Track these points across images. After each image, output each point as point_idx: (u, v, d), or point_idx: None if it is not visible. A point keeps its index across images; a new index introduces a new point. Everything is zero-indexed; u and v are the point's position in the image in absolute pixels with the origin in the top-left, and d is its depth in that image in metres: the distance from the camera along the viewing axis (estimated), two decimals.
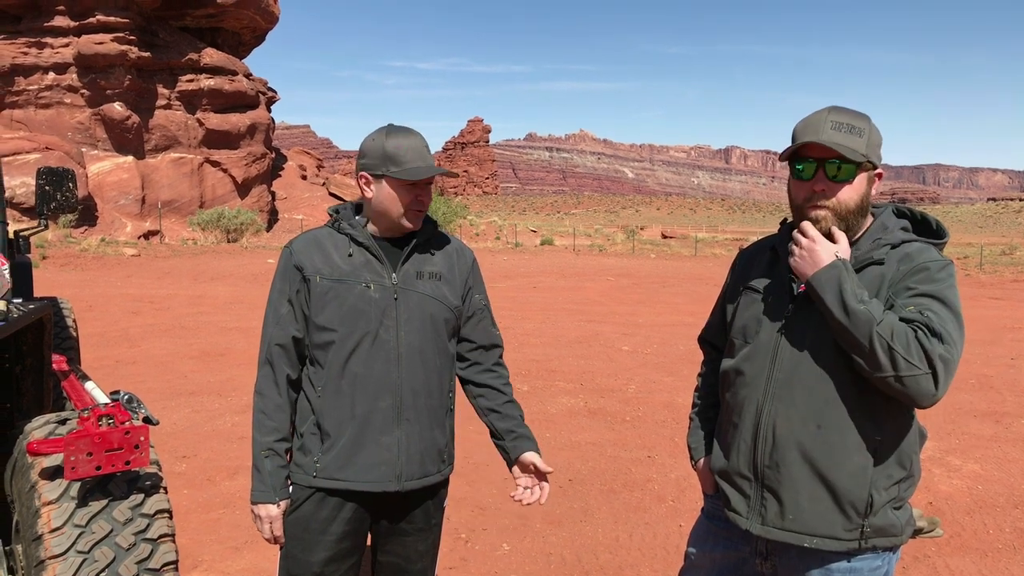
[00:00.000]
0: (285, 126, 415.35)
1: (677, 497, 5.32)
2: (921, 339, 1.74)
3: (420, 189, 2.29)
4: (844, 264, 1.85)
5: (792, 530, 1.93)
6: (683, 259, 35.64)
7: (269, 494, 2.24)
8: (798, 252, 1.90)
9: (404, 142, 2.27)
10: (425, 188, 2.31)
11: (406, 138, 2.27)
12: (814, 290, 1.86)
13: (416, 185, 2.27)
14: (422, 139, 2.31)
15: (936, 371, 1.73)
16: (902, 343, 1.73)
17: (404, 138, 2.27)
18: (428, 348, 2.31)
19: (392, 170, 2.24)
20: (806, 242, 1.89)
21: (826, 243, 1.88)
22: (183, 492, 5.12)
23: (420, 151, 2.27)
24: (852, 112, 1.92)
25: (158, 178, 39.75)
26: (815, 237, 1.89)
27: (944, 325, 1.76)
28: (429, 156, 2.30)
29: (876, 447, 1.88)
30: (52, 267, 21.07)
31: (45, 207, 3.84)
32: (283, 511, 2.28)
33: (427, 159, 2.28)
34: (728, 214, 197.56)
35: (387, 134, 2.28)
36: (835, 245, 1.88)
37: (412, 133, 2.30)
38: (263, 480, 2.25)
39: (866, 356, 1.77)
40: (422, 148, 2.28)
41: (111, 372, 8.71)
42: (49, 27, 38.11)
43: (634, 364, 10.08)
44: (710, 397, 2.32)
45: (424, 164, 2.27)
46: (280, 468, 2.27)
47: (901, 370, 1.74)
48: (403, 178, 2.23)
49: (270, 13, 47.04)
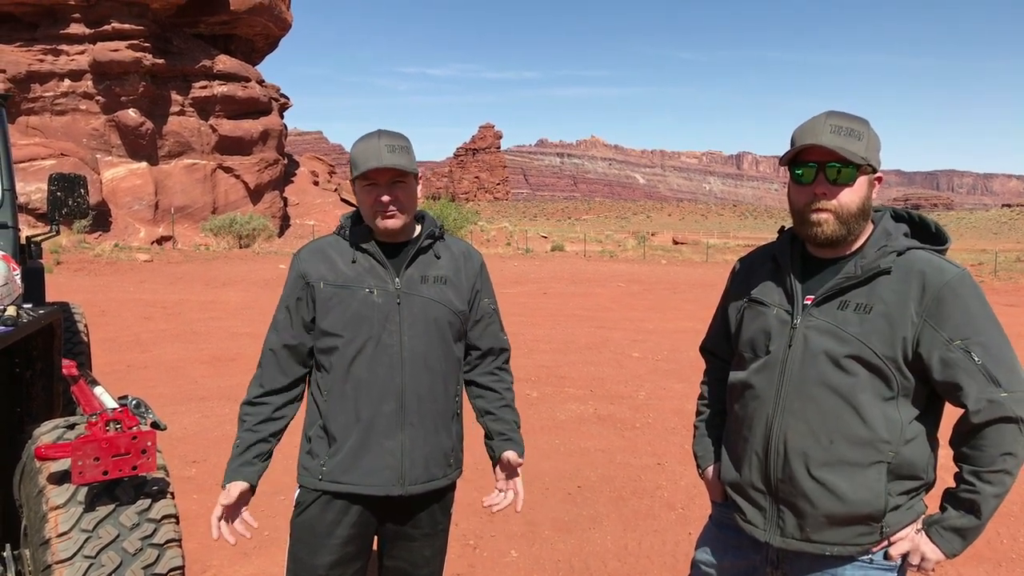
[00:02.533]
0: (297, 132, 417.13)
1: (687, 504, 5.28)
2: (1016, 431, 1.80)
3: (382, 189, 2.22)
4: (935, 529, 1.88)
5: (812, 540, 1.93)
6: (694, 265, 35.53)
7: (225, 479, 2.26)
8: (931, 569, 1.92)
9: (363, 144, 2.23)
10: (388, 188, 2.23)
11: (367, 140, 2.23)
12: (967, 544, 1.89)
13: (376, 185, 2.22)
14: (389, 139, 2.22)
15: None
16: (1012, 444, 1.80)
17: (366, 141, 2.24)
18: (432, 352, 2.31)
19: (354, 173, 2.24)
20: (925, 563, 1.90)
21: (910, 541, 1.90)
22: (192, 497, 5.13)
23: (375, 151, 2.19)
24: (850, 116, 1.90)
25: (171, 184, 39.98)
26: (909, 552, 1.90)
27: (1001, 367, 1.81)
28: (387, 155, 2.18)
29: (890, 459, 1.86)
30: (66, 272, 21.22)
31: (57, 213, 3.87)
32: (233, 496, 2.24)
33: (381, 157, 2.18)
34: (740, 220, 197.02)
35: (358, 140, 2.27)
36: (915, 537, 1.89)
37: (377, 135, 2.24)
38: (227, 467, 2.28)
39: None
40: (378, 148, 2.19)
41: (122, 377, 8.75)
42: (65, 34, 38.45)
43: (644, 370, 10.04)
44: (715, 405, 2.31)
45: (376, 162, 2.18)
46: (238, 456, 2.27)
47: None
48: (354, 177, 2.23)
49: (283, 20, 47.31)
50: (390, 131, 2.27)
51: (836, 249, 1.95)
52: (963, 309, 1.82)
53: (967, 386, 1.80)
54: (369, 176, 2.21)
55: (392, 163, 2.19)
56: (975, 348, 1.80)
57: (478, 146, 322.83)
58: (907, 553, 1.90)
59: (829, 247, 1.95)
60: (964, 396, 1.81)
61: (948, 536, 1.86)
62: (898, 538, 1.90)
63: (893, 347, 1.83)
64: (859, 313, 1.87)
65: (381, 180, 2.22)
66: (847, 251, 1.96)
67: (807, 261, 2.02)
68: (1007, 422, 1.78)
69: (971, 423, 1.82)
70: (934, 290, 1.83)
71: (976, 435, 1.82)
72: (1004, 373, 1.80)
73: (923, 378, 1.86)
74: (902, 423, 1.86)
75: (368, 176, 2.21)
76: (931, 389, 1.89)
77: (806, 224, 1.93)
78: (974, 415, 1.80)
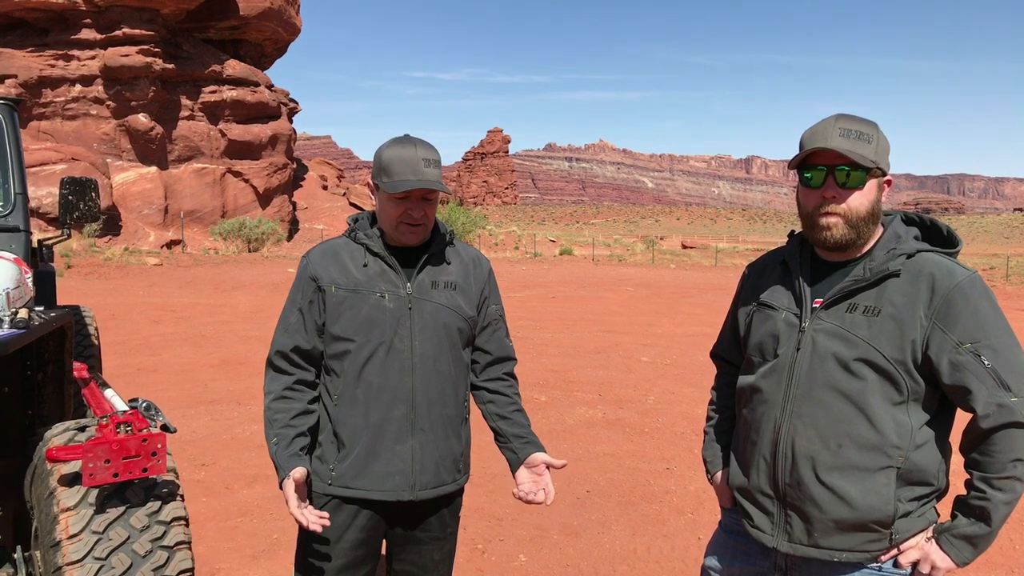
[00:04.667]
0: (306, 137, 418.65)
1: (696, 509, 5.27)
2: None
3: (411, 203, 2.20)
4: (945, 537, 1.86)
5: (820, 546, 1.91)
6: (703, 269, 35.44)
7: (281, 472, 2.16)
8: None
9: (399, 153, 2.19)
10: (417, 203, 2.20)
11: (403, 149, 2.19)
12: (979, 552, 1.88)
13: (407, 199, 2.19)
14: (425, 151, 2.19)
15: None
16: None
17: (401, 149, 2.20)
18: (442, 357, 2.30)
19: (384, 181, 2.21)
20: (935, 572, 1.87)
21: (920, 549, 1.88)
22: (201, 500, 5.14)
23: (412, 163, 2.16)
24: (859, 119, 1.89)
25: (181, 188, 40.20)
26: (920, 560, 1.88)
27: (1011, 371, 1.78)
28: (424, 170, 2.16)
29: (900, 465, 1.84)
30: (77, 276, 21.34)
31: (68, 216, 3.89)
32: (301, 478, 2.12)
33: (419, 172, 2.16)
34: (749, 224, 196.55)
35: (390, 144, 2.24)
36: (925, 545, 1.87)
37: (413, 144, 2.21)
38: (276, 464, 2.20)
39: None
40: (415, 160, 2.16)
41: (132, 380, 8.78)
42: (76, 40, 38.76)
43: (653, 375, 10.02)
44: (725, 411, 2.30)
45: (414, 177, 2.16)
46: (286, 447, 2.18)
47: None
48: (388, 191, 2.18)
49: (292, 25, 47.55)
50: (423, 141, 2.23)
51: (845, 253, 1.94)
52: (973, 312, 1.80)
53: (976, 390, 1.78)
54: (410, 195, 2.19)
55: (431, 182, 2.16)
56: (985, 351, 1.78)
57: (486, 150, 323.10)
58: (917, 561, 1.88)
59: (838, 251, 1.94)
60: (973, 400, 1.79)
61: (959, 544, 1.84)
62: (908, 546, 1.88)
63: (902, 350, 1.82)
64: (868, 316, 1.85)
65: (414, 195, 2.20)
66: (856, 254, 1.94)
67: (816, 265, 2.01)
68: (1017, 427, 1.76)
69: (980, 428, 1.80)
70: (943, 292, 1.81)
71: (986, 441, 1.80)
72: (1014, 377, 1.77)
73: (933, 382, 1.85)
74: (912, 428, 1.84)
75: (408, 195, 2.18)
76: (942, 393, 1.87)
77: (815, 228, 1.92)
78: (983, 420, 1.78)
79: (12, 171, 3.67)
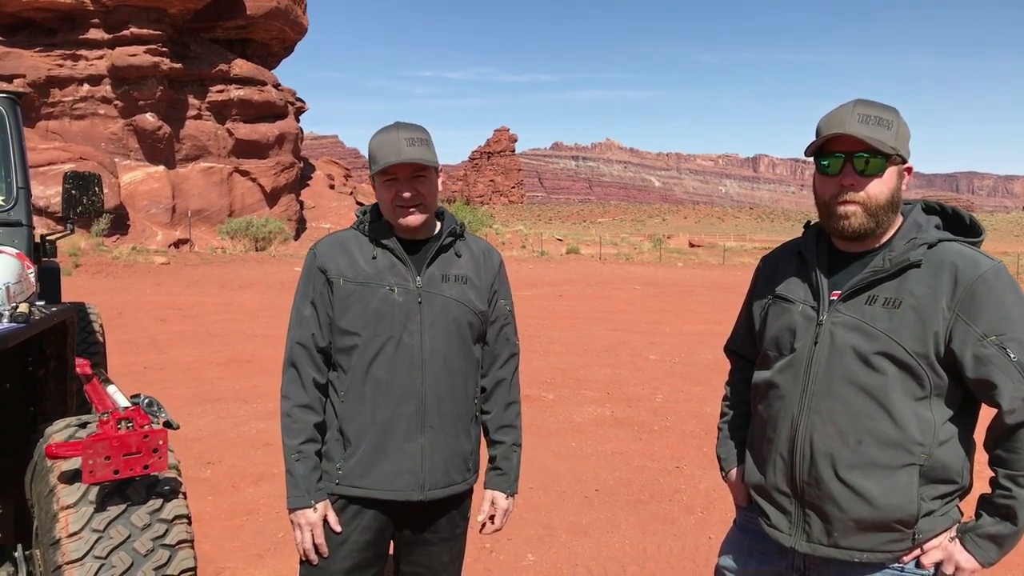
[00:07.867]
0: (313, 136, 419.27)
1: (706, 508, 5.21)
2: None
3: (401, 184, 2.16)
4: (969, 537, 1.79)
5: (840, 546, 1.85)
6: (711, 268, 35.34)
7: (304, 498, 2.17)
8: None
9: (382, 138, 2.16)
10: (407, 183, 2.16)
11: (385, 134, 2.16)
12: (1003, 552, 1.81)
13: (395, 180, 2.16)
14: (408, 131, 2.15)
15: None
16: None
17: (384, 134, 2.17)
18: (452, 353, 2.25)
19: (373, 168, 2.18)
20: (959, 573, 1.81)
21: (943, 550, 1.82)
22: (207, 498, 5.11)
23: (394, 145, 2.13)
24: (879, 105, 1.82)
25: (188, 187, 40.25)
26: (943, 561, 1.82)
27: None
28: (406, 149, 2.11)
29: (922, 462, 1.78)
30: (84, 275, 21.39)
31: (72, 211, 3.86)
32: (322, 515, 2.18)
33: (401, 152, 2.11)
34: (756, 223, 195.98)
35: (375, 133, 2.20)
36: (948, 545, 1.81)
37: (396, 128, 2.17)
38: (296, 484, 2.18)
39: None
40: (396, 142, 2.13)
41: (139, 378, 8.77)
42: (84, 39, 38.81)
43: (661, 373, 9.96)
44: (739, 407, 2.24)
45: (395, 158, 2.12)
46: (312, 470, 2.19)
47: None
48: (374, 173, 2.17)
49: (299, 24, 47.55)
50: (409, 123, 2.20)
51: (864, 243, 1.88)
52: (998, 303, 1.73)
53: (1002, 384, 1.72)
54: (389, 171, 2.14)
55: (413, 157, 2.12)
56: (1011, 344, 1.72)
57: (493, 149, 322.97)
58: (940, 562, 1.82)
59: (856, 240, 1.87)
60: (998, 395, 1.73)
61: (983, 544, 1.78)
62: (931, 546, 1.82)
63: (924, 343, 1.75)
64: (888, 308, 1.79)
65: (401, 175, 2.15)
66: (875, 244, 1.88)
67: (833, 255, 1.94)
68: None
69: (1006, 424, 1.74)
70: (967, 283, 1.75)
71: (1011, 437, 1.74)
72: None
73: (956, 376, 1.78)
74: (935, 424, 1.78)
75: (388, 171, 2.14)
76: (966, 388, 1.81)
77: (833, 217, 1.86)
78: (1009, 415, 1.72)
79: (15, 165, 3.64)
